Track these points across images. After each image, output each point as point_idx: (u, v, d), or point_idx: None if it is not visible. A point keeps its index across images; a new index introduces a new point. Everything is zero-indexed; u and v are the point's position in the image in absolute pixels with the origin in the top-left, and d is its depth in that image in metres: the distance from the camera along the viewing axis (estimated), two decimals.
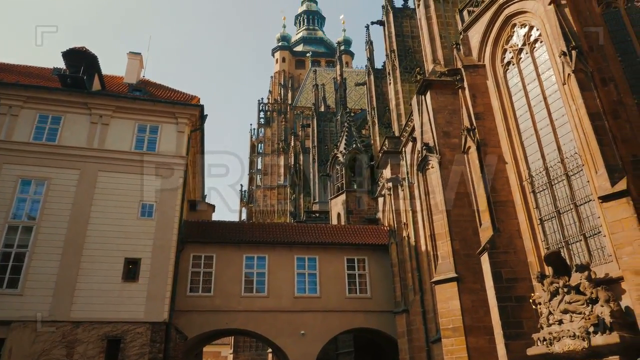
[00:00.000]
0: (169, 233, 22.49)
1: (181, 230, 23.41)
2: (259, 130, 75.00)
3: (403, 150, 24.81)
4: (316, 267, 25.34)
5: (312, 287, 25.01)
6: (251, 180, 71.28)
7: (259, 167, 71.55)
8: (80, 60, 24.26)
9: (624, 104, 12.86)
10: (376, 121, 35.02)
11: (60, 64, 25.06)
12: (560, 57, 13.22)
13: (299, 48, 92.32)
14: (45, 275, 20.32)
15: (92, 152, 23.04)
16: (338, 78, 53.38)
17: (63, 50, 24.20)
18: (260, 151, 72.88)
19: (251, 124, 74.80)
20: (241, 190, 71.16)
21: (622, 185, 11.20)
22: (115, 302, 20.59)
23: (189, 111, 25.22)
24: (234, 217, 74.17)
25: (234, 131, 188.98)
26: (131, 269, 21.40)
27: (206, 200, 32.34)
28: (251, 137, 74.94)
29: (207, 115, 25.95)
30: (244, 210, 69.46)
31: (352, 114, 45.68)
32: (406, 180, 24.00)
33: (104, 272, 20.91)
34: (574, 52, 12.77)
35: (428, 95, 19.10)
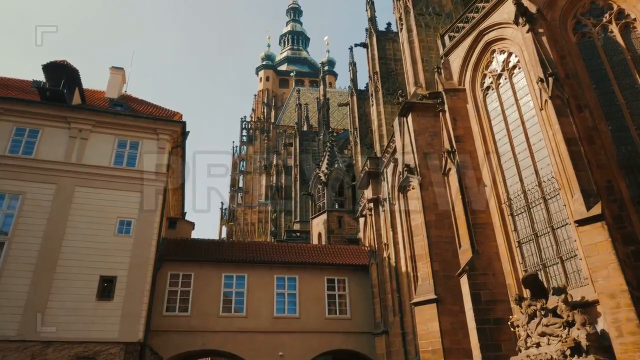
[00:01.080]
0: (146, 251, 22.10)
1: (159, 248, 23.03)
2: (241, 148, 74.83)
3: (384, 171, 24.98)
4: (296, 287, 25.10)
5: (292, 307, 24.72)
6: (232, 198, 70.74)
7: (241, 185, 71.17)
8: (61, 74, 24.01)
9: (598, 131, 13.20)
10: (358, 141, 35.25)
11: (42, 77, 24.79)
12: (537, 83, 13.55)
13: (283, 67, 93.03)
14: (15, 293, 19.69)
15: (70, 167, 22.65)
16: (321, 98, 53.86)
17: (44, 64, 23.95)
18: (242, 169, 72.58)
19: (233, 142, 74.47)
20: (222, 209, 70.56)
21: (597, 209, 11.41)
22: (89, 321, 20.03)
23: (170, 127, 25.07)
24: (213, 236, 73.33)
25: (216, 148, 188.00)
26: (106, 287, 20.90)
27: (186, 218, 31.97)
28: (233, 155, 74.68)
29: (189, 131, 25.84)
30: (224, 228, 68.75)
31: (335, 134, 46.01)
32: (387, 201, 24.09)
33: (77, 290, 20.38)
34: (550, 79, 13.11)
35: (410, 117, 19.34)
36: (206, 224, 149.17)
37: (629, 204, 12.28)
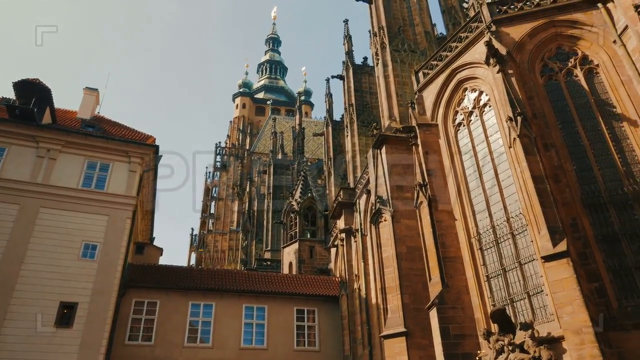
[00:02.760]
0: (111, 276, 21.42)
1: (125, 274, 22.35)
2: (215, 174, 74.24)
3: (357, 201, 25.10)
4: (265, 317, 24.60)
5: (260, 338, 24.16)
6: (203, 224, 69.67)
7: (212, 211, 70.26)
8: (32, 92, 23.56)
9: (564, 169, 13.66)
10: (332, 172, 35.49)
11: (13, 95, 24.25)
12: (506, 122, 14.00)
13: (260, 95, 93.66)
14: None
15: (35, 187, 21.99)
16: (297, 127, 54.24)
17: (15, 81, 23.50)
18: (215, 195, 71.81)
19: (207, 167, 73.70)
20: (192, 235, 69.39)
21: (562, 246, 11.69)
22: (45, 349, 19.09)
23: (143, 151, 24.75)
24: (182, 262, 71.73)
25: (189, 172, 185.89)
26: (66, 314, 20.05)
27: (154, 243, 31.23)
28: (206, 181, 73.96)
29: (161, 155, 25.55)
30: (193, 255, 67.41)
31: (309, 163, 46.25)
32: (359, 232, 24.14)
33: (35, 317, 19.45)
34: (519, 118, 13.58)
35: (383, 149, 19.63)
36: (175, 250, 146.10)
37: (592, 242, 12.63)
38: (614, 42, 14.45)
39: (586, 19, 15.34)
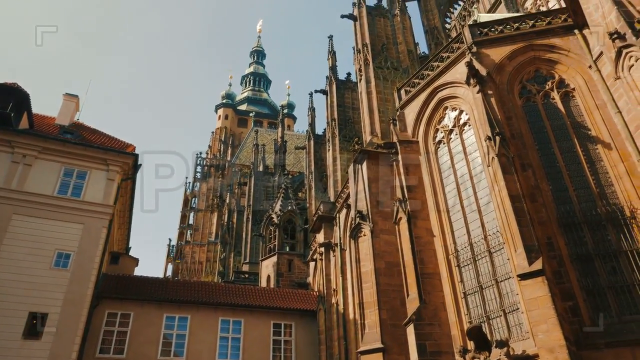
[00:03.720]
0: (84, 286, 20.91)
1: (98, 284, 21.85)
2: (194, 184, 73.56)
3: (337, 216, 25.11)
4: (241, 330, 24.26)
5: (235, 352, 23.78)
6: (181, 235, 68.79)
7: (191, 222, 69.47)
8: (10, 97, 23.07)
9: (540, 189, 13.92)
10: (313, 185, 35.50)
11: None
12: (485, 141, 14.26)
13: (243, 107, 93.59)
14: None
15: (9, 193, 21.44)
16: (279, 140, 54.24)
17: None
18: (194, 206, 71.07)
19: (187, 178, 72.95)
20: (169, 245, 68.41)
21: (538, 265, 11.87)
22: None
23: (122, 159, 24.41)
24: (159, 273, 70.54)
25: (168, 181, 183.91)
26: (35, 325, 19.43)
27: (130, 253, 30.65)
28: (185, 191, 73.17)
29: (141, 164, 25.21)
30: (170, 266, 66.38)
31: (290, 176, 46.20)
32: (338, 246, 24.10)
33: (1, 327, 18.82)
34: (497, 138, 13.84)
35: (364, 164, 19.76)
36: (152, 261, 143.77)
37: (567, 261, 12.86)
38: (590, 67, 14.90)
39: (563, 44, 15.80)
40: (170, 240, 68.94)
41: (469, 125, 16.27)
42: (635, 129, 12.89)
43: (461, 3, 33.30)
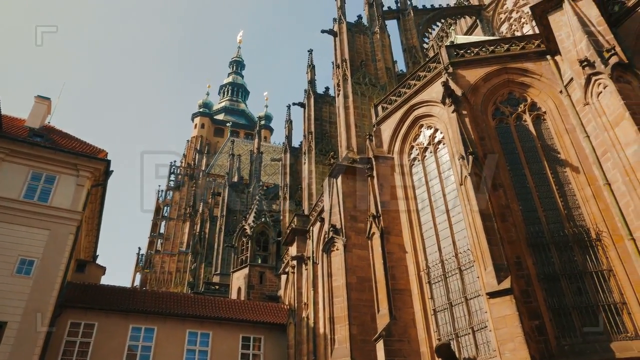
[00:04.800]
0: (47, 295, 20.22)
1: (62, 293, 21.16)
2: (167, 192, 72.40)
3: (311, 229, 25.05)
4: (209, 343, 23.77)
5: None
6: (151, 244, 67.38)
7: (162, 231, 68.19)
8: None
9: (511, 209, 14.19)
10: (287, 197, 35.39)
11: None
12: (459, 159, 14.50)
13: (220, 117, 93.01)
14: None
15: None
16: (255, 151, 54.03)
17: None
18: (166, 214, 69.84)
19: (159, 185, 71.79)
20: (138, 254, 66.86)
21: (506, 283, 12.05)
22: None
23: (93, 165, 23.87)
24: (126, 283, 68.84)
25: (140, 189, 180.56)
26: None
27: (97, 262, 29.85)
28: (157, 199, 71.93)
29: (112, 171, 24.71)
30: (138, 275, 64.84)
31: (265, 188, 45.94)
32: (311, 260, 24.01)
33: None
34: (470, 157, 14.08)
35: (339, 179, 19.83)
36: (120, 270, 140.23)
37: (534, 280, 13.09)
38: (561, 92, 15.37)
39: (536, 68, 16.29)
40: (139, 249, 67.43)
41: (444, 144, 16.54)
42: (602, 153, 13.31)
43: (439, 24, 34.04)
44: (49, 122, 27.30)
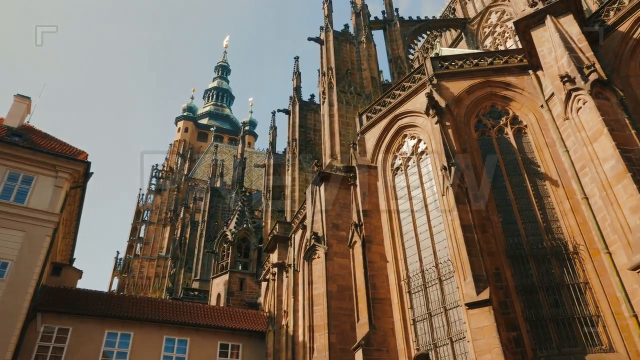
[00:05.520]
0: (20, 298, 19.71)
1: (36, 296, 20.66)
2: (148, 196, 71.58)
3: (293, 236, 24.97)
4: (186, 350, 23.42)
5: None
6: (130, 248, 66.41)
7: (142, 235, 67.28)
8: None
9: (491, 221, 14.33)
10: (270, 204, 35.25)
11: None
12: (441, 170, 14.61)
13: (204, 121, 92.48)
14: None
15: None
16: (239, 156, 53.78)
17: None
18: (146, 219, 68.97)
19: (140, 189, 70.97)
20: (116, 258, 65.81)
21: (485, 294, 12.12)
22: None
23: (72, 166, 23.44)
24: (104, 287, 67.65)
25: (120, 192, 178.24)
26: None
27: (74, 265, 29.25)
28: (138, 203, 71.03)
29: (92, 173, 24.29)
30: (116, 279, 63.78)
31: (248, 194, 45.69)
32: (292, 267, 23.91)
33: None
34: (453, 168, 14.21)
35: (322, 186, 19.82)
36: (97, 274, 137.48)
37: (513, 292, 13.21)
38: (542, 106, 15.63)
39: (518, 82, 16.55)
40: (118, 252, 66.42)
41: (427, 154, 16.66)
42: (581, 168, 13.55)
43: (425, 36, 34.47)
44: (28, 122, 26.78)
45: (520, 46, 17.03)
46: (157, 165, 75.91)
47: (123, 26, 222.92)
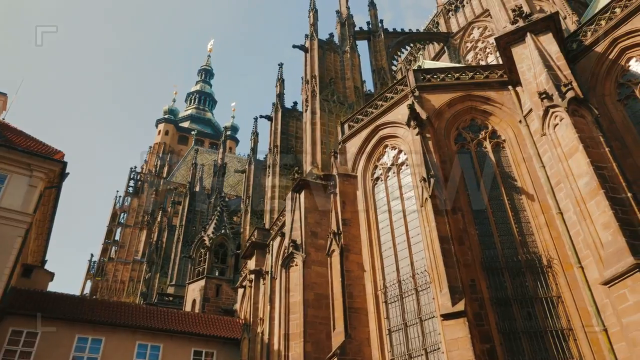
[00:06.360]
0: None
1: (5, 298, 20.02)
2: (125, 198, 70.43)
3: (271, 243, 24.83)
4: (159, 357, 22.98)
5: None
6: (105, 251, 65.13)
7: (117, 238, 66.10)
8: None
9: (468, 233, 14.49)
10: (249, 210, 35.07)
11: None
12: (420, 181, 14.73)
13: (185, 124, 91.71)
14: None
15: None
16: (219, 161, 53.45)
17: None
18: (122, 221, 67.83)
19: (117, 191, 69.79)
20: (90, 261, 64.43)
21: (460, 306, 12.21)
22: None
23: (48, 166, 22.92)
24: (75, 291, 66.11)
25: (96, 194, 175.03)
26: None
27: (45, 267, 28.54)
28: (115, 205, 69.83)
29: (68, 173, 23.79)
30: (89, 283, 62.41)
31: (227, 200, 45.39)
32: (269, 275, 23.75)
33: None
34: (432, 180, 14.34)
35: (302, 194, 19.80)
36: (69, 277, 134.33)
37: (487, 304, 13.34)
38: (520, 121, 15.93)
39: (498, 97, 16.84)
40: (92, 255, 65.04)
41: (407, 165, 16.79)
42: (556, 183, 13.81)
43: (408, 48, 34.89)
44: (3, 119, 26.15)
45: (501, 62, 17.35)
46: (135, 167, 74.92)
47: (105, 25, 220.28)
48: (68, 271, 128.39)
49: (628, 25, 15.18)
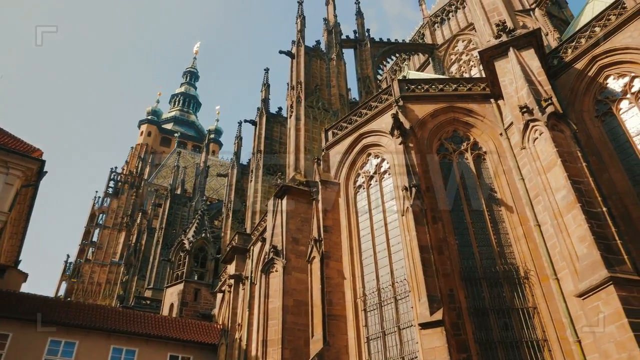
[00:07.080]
0: None
1: None
2: (104, 199, 69.37)
3: (251, 248, 24.70)
4: None
5: None
6: (82, 252, 63.98)
7: (95, 239, 64.99)
8: None
9: (447, 243, 14.62)
10: (231, 214, 34.85)
11: None
12: (402, 190, 14.84)
13: (169, 126, 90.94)
14: None
15: None
16: (202, 164, 53.08)
17: None
18: (101, 222, 66.75)
19: (97, 192, 68.74)
20: (66, 262, 63.21)
21: (438, 315, 12.31)
22: None
23: (25, 163, 22.42)
24: (50, 292, 64.73)
25: (74, 194, 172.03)
26: None
27: (19, 267, 27.90)
28: (93, 205, 68.73)
29: (46, 172, 23.34)
30: (64, 284, 61.17)
31: (208, 203, 45.07)
32: (249, 280, 23.61)
33: None
34: (414, 189, 14.46)
35: (284, 200, 19.76)
36: (44, 278, 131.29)
37: (465, 314, 13.45)
38: (501, 134, 16.18)
39: (480, 110, 17.09)
40: (68, 256, 63.85)
41: (389, 174, 16.91)
42: (535, 196, 14.04)
43: (394, 58, 35.27)
44: None
45: (484, 75, 17.62)
46: (116, 167, 73.91)
47: (90, 24, 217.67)
48: (43, 272, 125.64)
49: (607, 44, 15.58)
